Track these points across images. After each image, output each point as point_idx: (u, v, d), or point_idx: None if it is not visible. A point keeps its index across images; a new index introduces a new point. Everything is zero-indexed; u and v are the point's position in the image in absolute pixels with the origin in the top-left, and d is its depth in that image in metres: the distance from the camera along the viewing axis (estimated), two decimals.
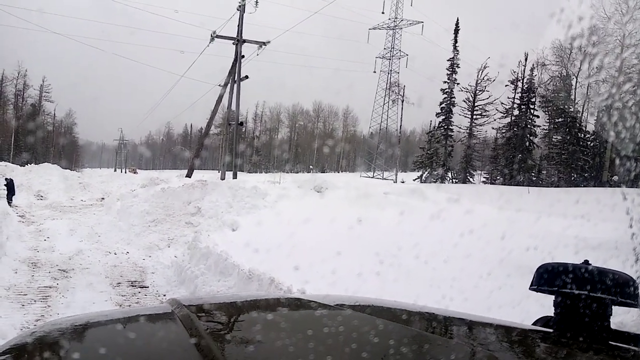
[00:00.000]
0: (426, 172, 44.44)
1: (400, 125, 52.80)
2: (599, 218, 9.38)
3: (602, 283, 1.13)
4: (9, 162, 32.72)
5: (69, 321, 1.10)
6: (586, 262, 1.22)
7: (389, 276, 5.85)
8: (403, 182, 40.21)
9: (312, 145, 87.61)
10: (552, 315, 1.26)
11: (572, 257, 1.39)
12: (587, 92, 39.15)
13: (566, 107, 38.64)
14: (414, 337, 1.06)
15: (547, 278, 1.23)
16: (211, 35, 24.01)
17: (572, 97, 39.42)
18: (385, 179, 52.20)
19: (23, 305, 6.91)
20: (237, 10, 24.35)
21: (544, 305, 1.38)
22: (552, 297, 1.25)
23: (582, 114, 39.27)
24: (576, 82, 39.54)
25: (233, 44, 24.39)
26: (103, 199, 22.49)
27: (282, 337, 1.00)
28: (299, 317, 1.21)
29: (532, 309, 1.38)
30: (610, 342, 1.12)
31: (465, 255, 7.29)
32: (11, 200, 18.93)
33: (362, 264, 6.56)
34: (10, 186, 19.45)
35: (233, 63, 24.62)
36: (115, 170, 67.11)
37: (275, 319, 1.20)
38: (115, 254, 10.83)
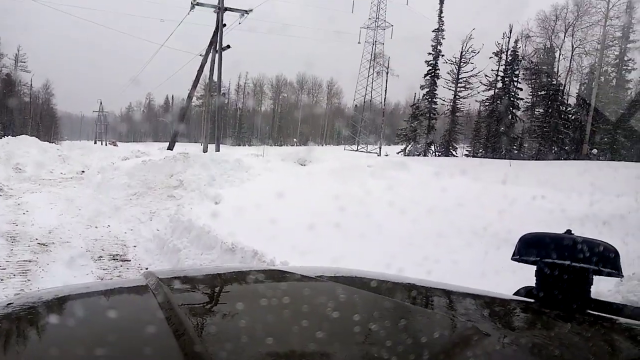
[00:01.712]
0: (409, 146, 44.61)
1: (385, 98, 52.75)
2: (577, 190, 9.51)
3: (584, 252, 1.12)
4: None
5: (42, 294, 1.11)
6: (569, 231, 1.21)
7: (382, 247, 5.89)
8: (387, 155, 40.33)
9: (295, 118, 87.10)
10: (534, 285, 1.26)
11: (552, 228, 1.38)
12: (569, 65, 39.40)
13: (549, 79, 38.82)
14: (395, 308, 1.06)
15: (530, 248, 1.22)
16: (191, 2, 23.42)
17: (555, 69, 39.62)
18: (369, 152, 52.29)
19: (2, 279, 6.81)
20: None
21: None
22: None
23: (565, 86, 39.57)
24: (559, 54, 39.73)
25: (214, 12, 23.85)
26: (83, 172, 22.07)
27: (260, 309, 0.98)
28: (278, 289, 1.19)
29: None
30: (589, 312, 1.12)
31: (447, 226, 7.37)
32: None
33: (348, 234, 6.60)
34: None
35: (214, 32, 24.12)
36: (95, 143, 65.87)
37: (254, 291, 1.18)
38: (96, 227, 10.70)
